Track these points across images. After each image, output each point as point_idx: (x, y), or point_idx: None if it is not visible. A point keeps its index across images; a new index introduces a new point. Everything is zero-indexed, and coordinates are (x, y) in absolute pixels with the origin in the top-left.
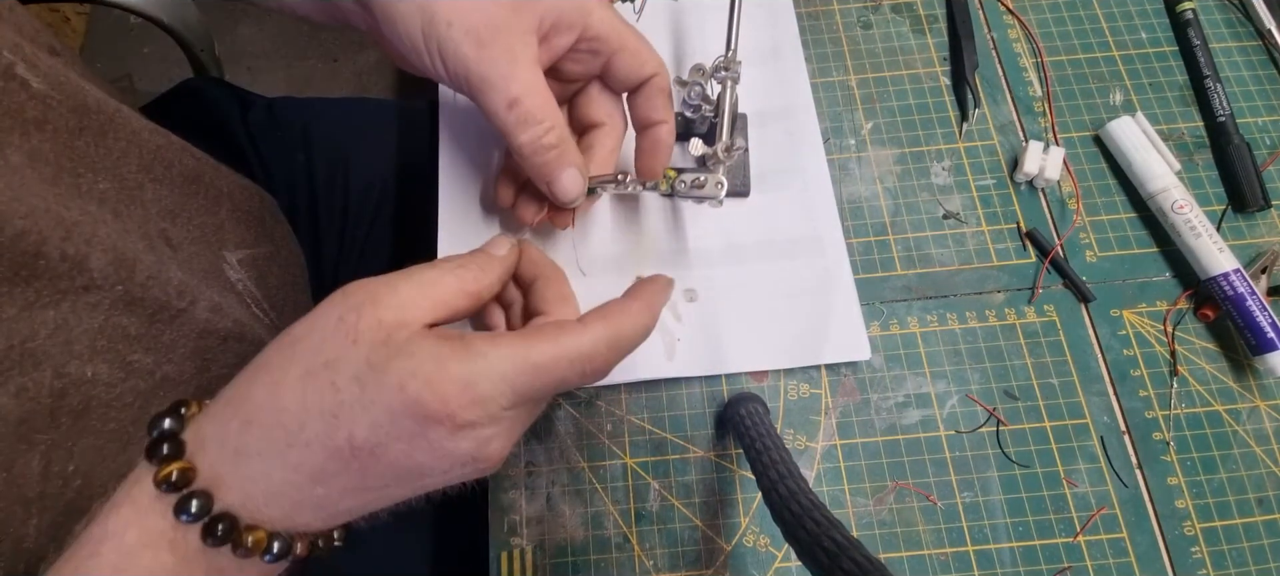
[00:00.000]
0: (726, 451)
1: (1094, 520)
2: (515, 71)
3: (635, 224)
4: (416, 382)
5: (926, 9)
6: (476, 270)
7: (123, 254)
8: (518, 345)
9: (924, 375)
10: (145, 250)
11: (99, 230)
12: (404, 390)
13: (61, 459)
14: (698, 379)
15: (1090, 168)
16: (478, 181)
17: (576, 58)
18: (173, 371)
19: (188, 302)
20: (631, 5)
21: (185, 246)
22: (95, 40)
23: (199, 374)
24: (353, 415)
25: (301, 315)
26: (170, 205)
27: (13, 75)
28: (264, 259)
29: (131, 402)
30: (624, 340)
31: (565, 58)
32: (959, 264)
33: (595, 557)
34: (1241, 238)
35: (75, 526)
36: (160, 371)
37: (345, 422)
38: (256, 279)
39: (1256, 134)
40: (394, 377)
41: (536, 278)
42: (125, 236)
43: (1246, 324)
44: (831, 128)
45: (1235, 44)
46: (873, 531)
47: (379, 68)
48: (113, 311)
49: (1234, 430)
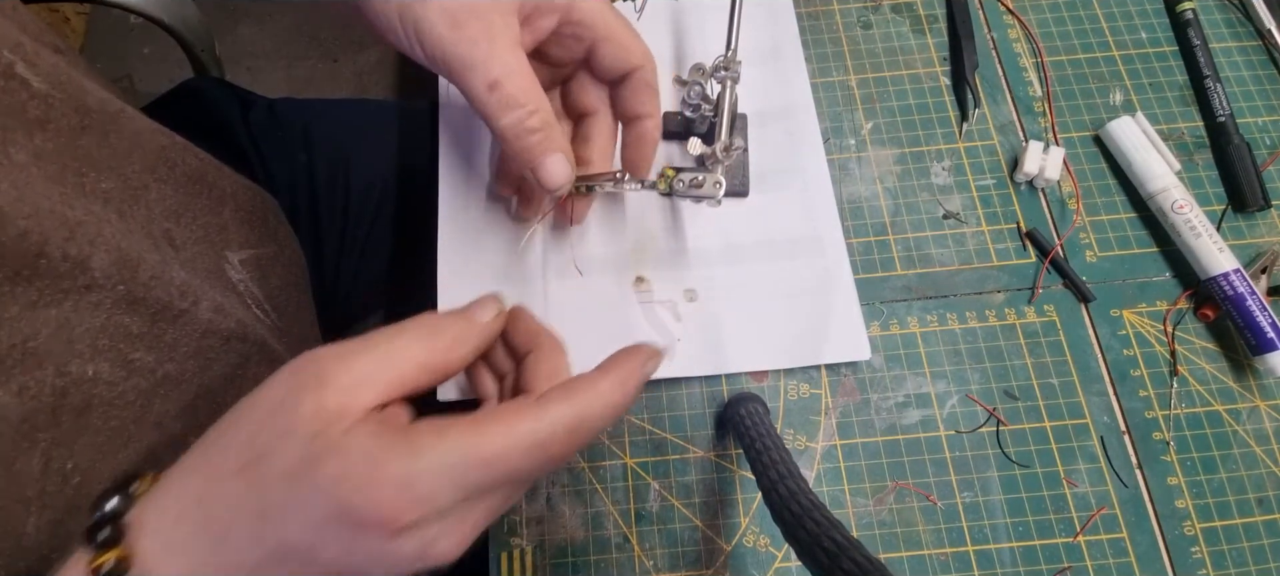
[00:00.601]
0: (726, 451)
1: (1094, 520)
2: (495, 52)
3: (635, 224)
4: (348, 486)
5: (926, 9)
6: (450, 341)
7: (126, 254)
8: (466, 435)
9: (924, 375)
10: (149, 249)
11: (103, 230)
12: (335, 494)
13: (61, 456)
14: (698, 379)
15: (1090, 168)
16: (478, 181)
17: (561, 42)
18: (174, 370)
19: (190, 303)
20: (632, 5)
21: (188, 246)
22: (95, 40)
23: (201, 372)
24: (283, 517)
25: (303, 316)
26: (174, 205)
27: (13, 74)
28: (266, 260)
29: (133, 400)
30: (588, 423)
31: (549, 41)
32: (959, 264)
33: (595, 557)
34: (1241, 238)
35: (72, 525)
36: (162, 370)
37: (275, 526)
38: (258, 280)
39: (1256, 134)
40: (325, 479)
41: (531, 350)
42: (129, 236)
43: (1246, 324)
44: (831, 128)
45: (1235, 44)
46: (873, 531)
47: (379, 67)
48: (115, 311)
49: (1234, 430)
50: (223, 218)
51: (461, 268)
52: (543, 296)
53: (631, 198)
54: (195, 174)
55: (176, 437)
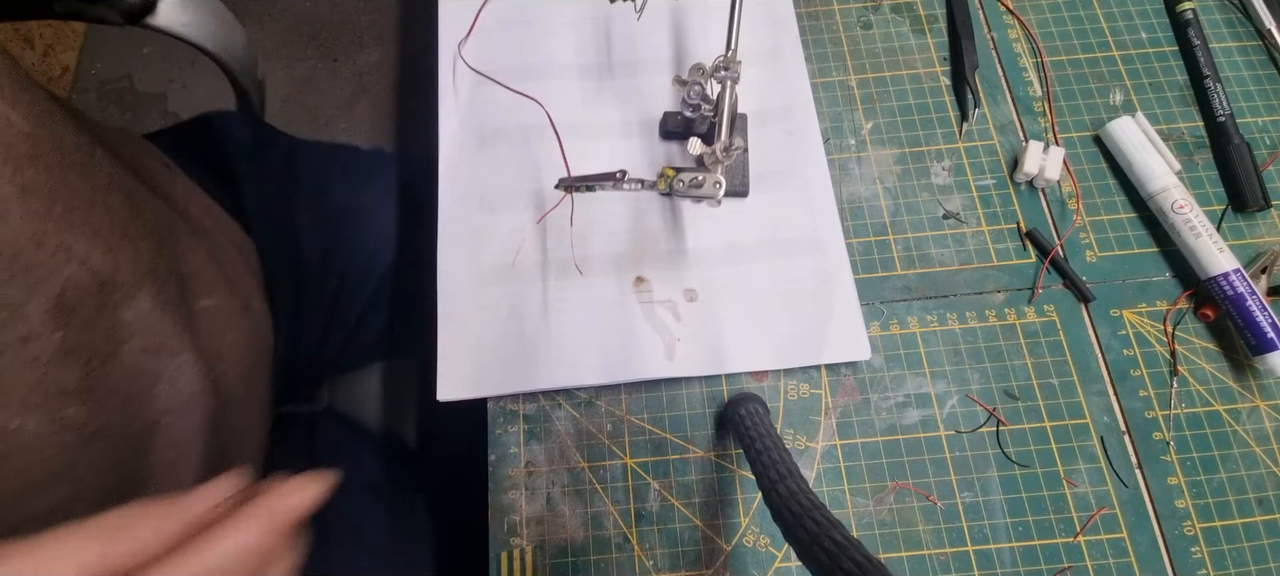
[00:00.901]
0: (726, 451)
1: (1094, 520)
2: None
3: (635, 224)
4: None
5: (926, 9)
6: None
7: (81, 289)
8: None
9: (924, 375)
10: (134, 284)
11: (66, 269)
12: None
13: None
14: (698, 379)
15: (1090, 168)
16: (478, 180)
17: None
18: (107, 422)
19: (132, 338)
20: (632, 5)
21: (165, 285)
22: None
23: (129, 421)
24: None
25: (255, 376)
26: (151, 245)
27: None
28: (226, 312)
29: (54, 454)
30: None
31: None
32: (959, 264)
33: (595, 557)
34: (1241, 238)
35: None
36: (94, 425)
37: None
38: (216, 331)
39: (1256, 134)
40: None
41: None
42: (118, 271)
43: (1246, 324)
44: (831, 128)
45: (1235, 44)
46: (873, 531)
47: (379, 67)
48: (52, 365)
49: (1234, 430)
50: (195, 262)
51: (461, 267)
52: (543, 296)
53: (631, 198)
54: (165, 221)
55: (97, 490)
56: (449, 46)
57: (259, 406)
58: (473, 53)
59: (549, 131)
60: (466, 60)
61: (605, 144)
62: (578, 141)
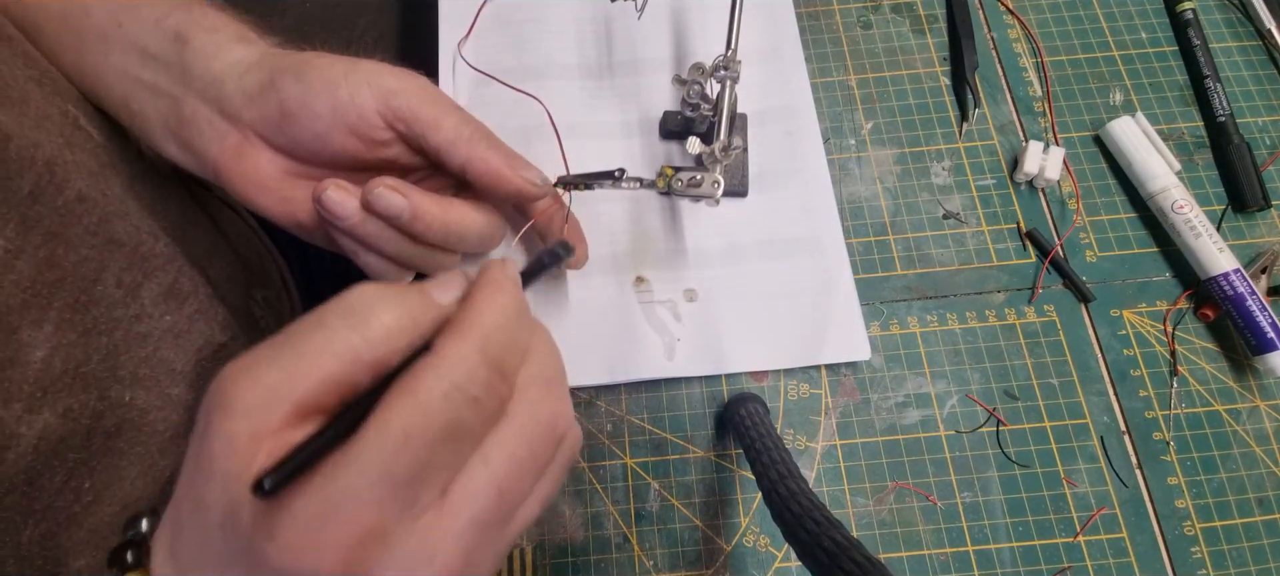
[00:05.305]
0: (726, 451)
1: (1094, 520)
2: None
3: (635, 224)
4: (274, 546)
5: (926, 9)
6: (386, 330)
7: (177, 287)
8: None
9: (924, 375)
10: (202, 284)
11: (164, 263)
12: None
13: (81, 475)
14: (698, 379)
15: (1090, 168)
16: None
17: None
18: None
19: (229, 337)
20: (633, 4)
21: (222, 284)
22: None
23: None
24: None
25: None
26: (207, 246)
27: (78, 126)
28: (282, 301)
29: (162, 431)
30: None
31: None
32: (959, 264)
33: (595, 557)
34: (1241, 238)
35: (63, 538)
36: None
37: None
38: (276, 319)
39: (1256, 134)
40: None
41: None
42: (182, 272)
43: (1246, 324)
44: (831, 128)
45: (1235, 44)
46: (873, 531)
47: None
48: (160, 344)
49: (1234, 430)
50: (248, 256)
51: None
52: (543, 296)
53: (631, 198)
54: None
55: None
56: (449, 45)
57: None
58: (473, 52)
59: (549, 130)
60: (466, 59)
61: (605, 143)
62: (577, 141)
